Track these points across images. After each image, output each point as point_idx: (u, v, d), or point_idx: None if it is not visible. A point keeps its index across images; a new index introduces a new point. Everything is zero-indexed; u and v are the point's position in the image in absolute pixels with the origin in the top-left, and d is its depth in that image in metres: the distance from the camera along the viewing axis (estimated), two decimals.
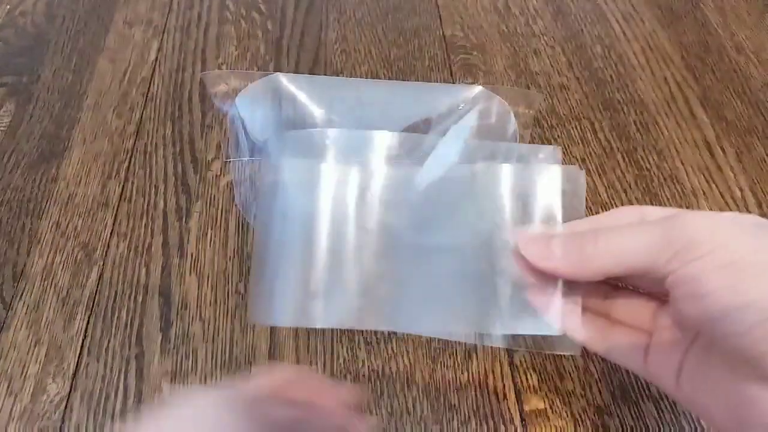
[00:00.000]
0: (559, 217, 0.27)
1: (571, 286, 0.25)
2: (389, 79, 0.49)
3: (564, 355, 0.34)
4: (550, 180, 0.27)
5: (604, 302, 0.26)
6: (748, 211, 0.41)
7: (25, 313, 0.35)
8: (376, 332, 0.35)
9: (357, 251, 0.28)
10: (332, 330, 0.35)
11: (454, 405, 0.32)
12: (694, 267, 0.20)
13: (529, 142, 0.44)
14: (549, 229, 0.26)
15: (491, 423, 0.32)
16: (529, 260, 0.24)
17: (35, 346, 0.34)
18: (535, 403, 0.32)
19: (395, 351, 0.34)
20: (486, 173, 0.30)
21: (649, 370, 0.24)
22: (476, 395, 0.32)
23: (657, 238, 0.21)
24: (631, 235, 0.22)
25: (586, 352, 0.34)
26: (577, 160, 0.43)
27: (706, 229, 0.20)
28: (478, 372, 0.33)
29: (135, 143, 0.44)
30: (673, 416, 0.32)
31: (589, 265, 0.23)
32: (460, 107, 0.43)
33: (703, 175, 0.43)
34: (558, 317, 0.25)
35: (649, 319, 0.25)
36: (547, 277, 0.25)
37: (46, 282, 0.37)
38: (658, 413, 0.32)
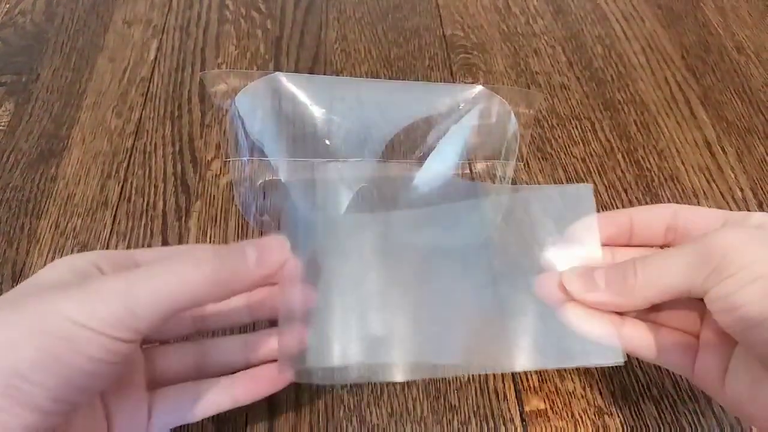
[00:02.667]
0: (597, 240, 0.28)
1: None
2: (389, 78, 0.49)
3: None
4: (582, 206, 0.28)
5: (646, 311, 0.26)
6: (749, 212, 0.41)
7: None
8: None
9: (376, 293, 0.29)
10: None
11: (454, 405, 0.32)
12: (727, 283, 0.21)
13: (529, 142, 0.44)
14: (589, 254, 0.27)
15: (491, 423, 0.31)
16: (574, 295, 0.26)
17: None
18: (535, 403, 0.32)
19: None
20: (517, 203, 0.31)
21: (696, 374, 0.25)
22: (476, 395, 0.32)
23: (692, 260, 0.22)
24: (668, 263, 0.23)
25: None
26: (578, 159, 0.43)
27: (736, 246, 0.21)
28: (479, 372, 0.33)
29: (134, 143, 0.44)
30: (673, 416, 0.32)
31: (633, 296, 0.24)
32: (461, 107, 0.43)
33: (704, 175, 0.43)
34: (618, 342, 0.26)
35: (696, 322, 0.26)
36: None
37: None
38: (658, 413, 0.32)
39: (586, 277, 0.26)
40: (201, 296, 0.22)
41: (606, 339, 0.26)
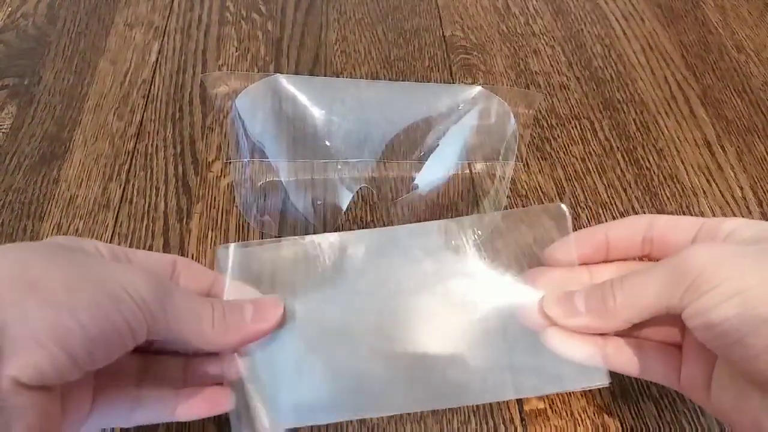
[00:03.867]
0: (574, 261, 0.28)
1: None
2: (389, 79, 0.49)
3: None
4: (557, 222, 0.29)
5: (631, 327, 0.27)
6: (749, 210, 0.41)
7: None
8: None
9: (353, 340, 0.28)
10: None
11: None
12: (704, 300, 0.21)
13: (529, 142, 0.44)
14: (567, 275, 0.28)
15: (491, 423, 0.32)
16: (555, 321, 0.26)
17: None
18: (534, 402, 0.32)
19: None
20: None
21: (681, 385, 0.26)
22: None
23: (668, 279, 0.23)
24: (645, 283, 0.24)
25: None
26: (577, 159, 0.43)
27: (711, 263, 0.22)
28: None
29: (136, 145, 0.44)
30: (673, 416, 0.32)
31: (614, 318, 0.25)
32: (460, 107, 0.43)
33: (704, 174, 0.43)
34: (601, 364, 0.26)
35: (677, 334, 0.26)
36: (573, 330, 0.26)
37: None
38: (658, 413, 0.32)
39: (566, 302, 0.26)
40: (204, 343, 0.25)
41: (590, 361, 0.26)
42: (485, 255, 0.29)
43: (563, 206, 0.29)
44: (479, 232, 0.30)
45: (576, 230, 0.29)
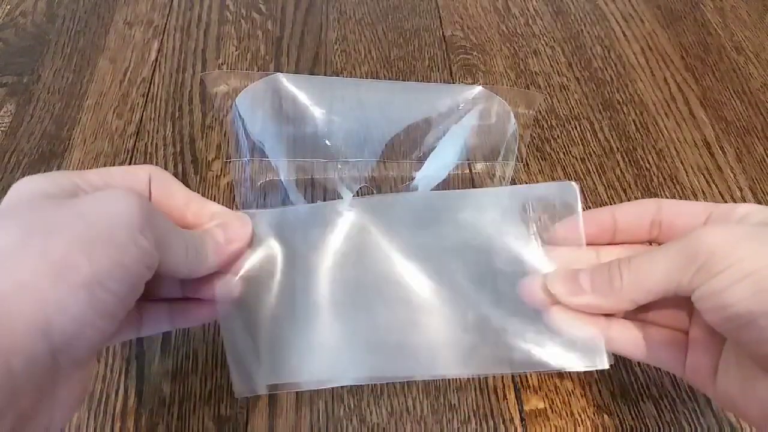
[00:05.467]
0: (582, 241, 0.28)
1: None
2: (389, 79, 0.49)
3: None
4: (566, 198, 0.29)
5: (637, 308, 0.26)
6: None
7: None
8: None
9: (358, 300, 0.29)
10: None
11: (454, 405, 0.32)
12: (716, 281, 0.21)
13: (529, 143, 0.44)
14: (573, 255, 0.27)
15: (491, 423, 0.32)
16: (559, 298, 0.26)
17: None
18: (534, 402, 0.32)
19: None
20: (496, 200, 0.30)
21: (687, 371, 0.25)
22: (476, 395, 0.33)
23: (678, 259, 0.22)
24: (654, 262, 0.23)
25: None
26: (577, 159, 0.44)
27: (723, 244, 0.21)
28: None
29: (135, 144, 0.44)
30: (673, 416, 0.32)
31: (620, 298, 0.24)
32: (460, 107, 0.43)
33: (703, 175, 0.43)
34: (603, 346, 0.26)
35: (684, 319, 0.26)
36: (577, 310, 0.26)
37: None
38: (658, 413, 0.32)
39: (570, 279, 0.26)
40: (185, 272, 0.25)
41: (592, 342, 0.26)
42: (491, 229, 0.29)
43: (574, 184, 0.28)
44: (489, 206, 0.30)
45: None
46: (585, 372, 0.33)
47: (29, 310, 0.18)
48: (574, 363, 0.27)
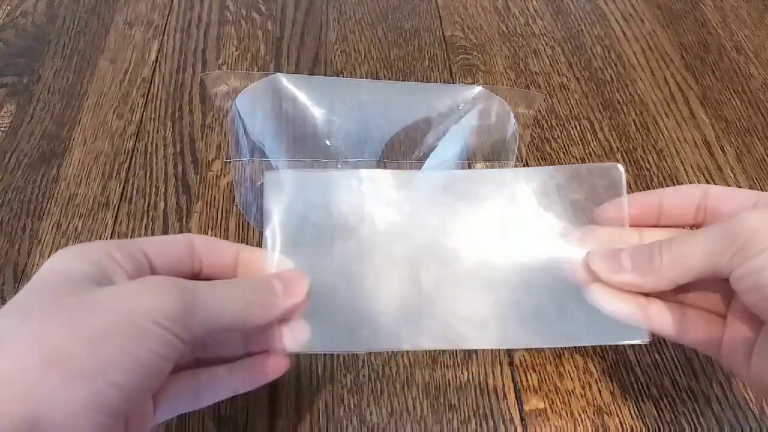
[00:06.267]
0: (625, 221, 0.28)
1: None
2: (389, 79, 0.49)
3: (601, 348, 0.34)
4: (610, 181, 0.29)
5: (673, 292, 0.26)
6: None
7: None
8: None
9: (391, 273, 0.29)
10: None
11: (454, 405, 0.32)
12: (754, 262, 0.21)
13: (529, 143, 0.44)
14: (617, 233, 0.28)
15: (491, 423, 0.32)
16: (600, 276, 0.26)
17: None
18: (534, 402, 0.32)
19: (395, 351, 0.34)
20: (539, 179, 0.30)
21: (722, 353, 0.25)
22: (476, 395, 0.33)
23: (719, 240, 0.23)
24: (694, 243, 0.24)
25: (585, 352, 0.34)
26: (577, 160, 0.43)
27: (762, 226, 0.22)
28: (478, 372, 0.33)
29: (135, 144, 0.44)
30: (672, 416, 0.32)
31: (659, 276, 0.24)
32: (460, 107, 0.43)
33: (703, 175, 0.43)
34: (643, 322, 0.26)
35: (722, 303, 0.26)
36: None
37: None
38: (658, 413, 0.32)
39: (611, 258, 0.26)
40: (241, 326, 0.24)
41: (631, 319, 0.26)
42: (535, 206, 0.29)
43: (620, 166, 0.29)
44: (532, 184, 0.30)
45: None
46: (585, 372, 0.33)
47: (14, 399, 0.17)
48: (613, 338, 0.27)
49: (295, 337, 0.26)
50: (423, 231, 0.30)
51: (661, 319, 0.26)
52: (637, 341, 0.27)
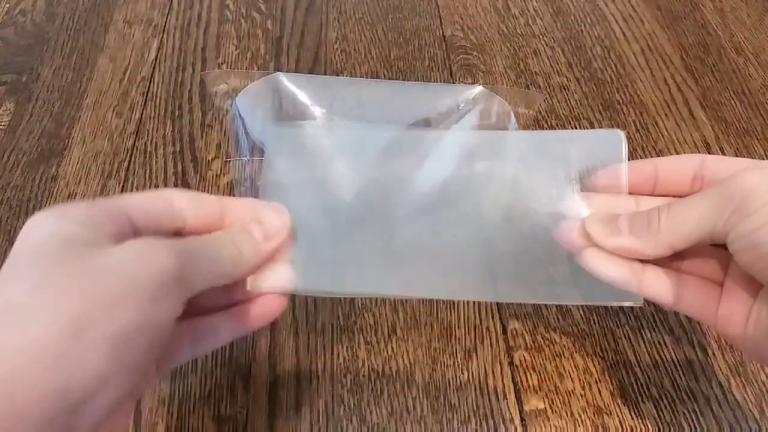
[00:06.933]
0: (624, 188, 0.27)
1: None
2: (389, 79, 0.49)
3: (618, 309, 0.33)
4: (612, 147, 0.28)
5: (672, 257, 0.26)
6: None
7: None
8: (376, 332, 0.35)
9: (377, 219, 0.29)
10: (332, 329, 0.35)
11: (454, 405, 0.32)
12: (750, 221, 0.21)
13: None
14: (613, 199, 0.27)
15: (491, 423, 0.32)
16: (596, 240, 0.26)
17: None
18: (534, 402, 0.32)
19: (395, 351, 0.34)
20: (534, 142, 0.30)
21: (718, 320, 0.25)
22: (476, 395, 0.33)
23: (715, 202, 0.23)
24: (691, 207, 0.23)
25: (585, 353, 0.34)
26: None
27: (759, 185, 0.21)
28: (478, 372, 0.33)
29: (135, 142, 0.44)
30: (672, 416, 0.32)
31: (656, 242, 0.24)
32: (461, 107, 0.43)
33: None
34: (638, 289, 0.26)
35: (719, 271, 0.26)
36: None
37: None
38: (658, 413, 0.32)
39: (609, 222, 0.26)
40: (229, 280, 0.24)
41: (626, 284, 0.26)
42: (530, 170, 0.29)
43: (620, 132, 0.28)
44: (531, 146, 0.30)
45: None
46: (585, 372, 0.33)
47: (43, 371, 0.17)
48: (605, 298, 0.27)
49: (278, 279, 0.26)
50: (415, 183, 0.30)
51: (657, 285, 0.26)
52: (630, 303, 0.26)
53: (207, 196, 0.27)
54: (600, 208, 0.27)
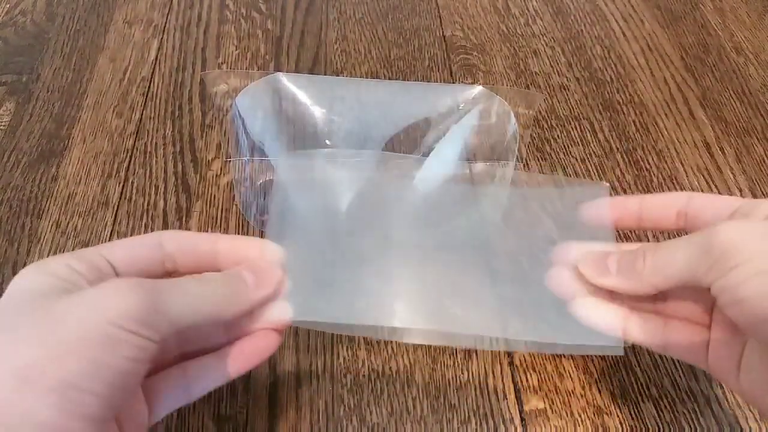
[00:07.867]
0: (611, 229, 0.28)
1: (615, 295, 0.27)
2: (389, 79, 0.49)
3: (582, 356, 0.34)
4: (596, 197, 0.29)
5: (656, 302, 0.27)
6: None
7: None
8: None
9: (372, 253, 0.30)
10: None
11: (454, 405, 0.32)
12: (732, 275, 0.21)
13: (529, 143, 0.44)
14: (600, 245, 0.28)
15: (491, 423, 0.32)
16: (587, 277, 0.27)
17: None
18: (534, 402, 0.32)
19: (395, 351, 0.34)
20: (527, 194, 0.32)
21: (710, 364, 0.25)
22: (476, 395, 0.33)
23: (695, 251, 0.23)
24: (674, 251, 0.24)
25: (590, 357, 0.34)
26: (577, 160, 0.44)
27: (739, 239, 0.21)
28: (478, 372, 0.33)
29: (135, 143, 0.44)
30: (672, 416, 0.32)
31: (641, 281, 0.25)
32: (460, 107, 0.43)
33: (703, 176, 0.43)
34: (619, 331, 0.26)
35: (706, 314, 0.26)
36: (596, 292, 0.27)
37: None
38: (658, 413, 0.32)
39: (599, 262, 0.26)
40: (215, 321, 0.24)
41: (610, 329, 0.26)
42: (516, 221, 0.31)
43: (606, 184, 0.30)
44: (518, 199, 0.31)
45: None
46: (585, 372, 0.33)
47: None
48: (590, 343, 0.27)
49: (276, 317, 0.26)
50: (414, 222, 0.31)
51: (645, 329, 0.26)
52: (610, 352, 0.27)
53: (199, 237, 0.27)
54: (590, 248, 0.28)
